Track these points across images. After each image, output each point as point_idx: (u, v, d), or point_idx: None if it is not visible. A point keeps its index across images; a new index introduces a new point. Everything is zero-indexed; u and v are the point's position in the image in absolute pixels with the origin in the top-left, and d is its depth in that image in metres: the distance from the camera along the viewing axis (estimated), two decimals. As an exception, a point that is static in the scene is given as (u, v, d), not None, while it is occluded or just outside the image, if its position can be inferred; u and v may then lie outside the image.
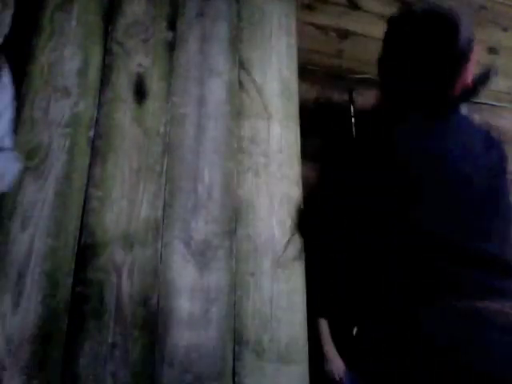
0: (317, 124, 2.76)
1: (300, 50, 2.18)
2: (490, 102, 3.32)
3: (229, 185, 1.82)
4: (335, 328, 2.09)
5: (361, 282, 1.48)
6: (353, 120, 2.94)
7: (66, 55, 1.79)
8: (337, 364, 2.00)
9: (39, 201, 1.60)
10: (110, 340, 1.53)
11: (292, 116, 2.02)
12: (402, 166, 1.37)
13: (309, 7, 2.99)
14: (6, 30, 1.03)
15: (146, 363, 1.54)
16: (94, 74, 1.81)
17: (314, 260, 1.90)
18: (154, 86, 1.86)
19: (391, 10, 3.27)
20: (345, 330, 2.08)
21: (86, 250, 1.60)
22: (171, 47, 1.94)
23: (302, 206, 1.88)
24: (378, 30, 3.21)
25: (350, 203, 1.48)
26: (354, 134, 2.90)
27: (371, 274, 1.41)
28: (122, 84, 1.83)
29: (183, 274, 1.66)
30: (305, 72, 2.49)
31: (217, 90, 1.95)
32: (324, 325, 1.99)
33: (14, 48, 1.76)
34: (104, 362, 1.50)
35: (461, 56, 1.42)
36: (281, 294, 1.73)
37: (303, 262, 1.81)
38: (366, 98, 2.98)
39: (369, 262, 1.42)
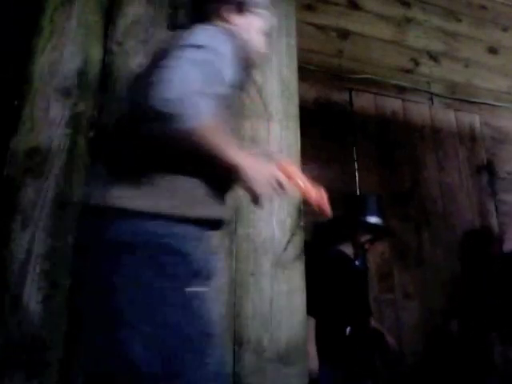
0: (317, 124, 2.77)
1: (300, 50, 2.18)
2: (489, 102, 3.32)
3: (229, 185, 1.82)
4: (326, 327, 2.10)
5: None
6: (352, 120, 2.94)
7: (66, 55, 1.79)
8: (313, 363, 2.01)
9: (39, 201, 1.60)
10: (109, 340, 1.53)
11: (292, 116, 2.01)
12: None
13: (309, 7, 2.99)
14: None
15: (145, 363, 1.54)
16: (94, 74, 1.81)
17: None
18: (154, 86, 1.86)
19: (391, 9, 3.28)
20: (335, 330, 2.10)
21: (86, 250, 1.59)
22: (171, 47, 1.94)
23: (301, 207, 1.88)
24: (378, 29, 3.22)
25: None
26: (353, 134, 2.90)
27: None
28: (122, 84, 1.83)
29: (183, 274, 1.66)
30: (305, 72, 2.49)
31: (217, 90, 1.94)
32: (311, 323, 2.00)
33: (14, 48, 1.76)
34: (104, 362, 1.50)
35: None
36: (281, 294, 1.73)
37: (303, 262, 1.81)
38: (366, 98, 2.98)
39: None
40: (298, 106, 2.04)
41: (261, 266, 1.75)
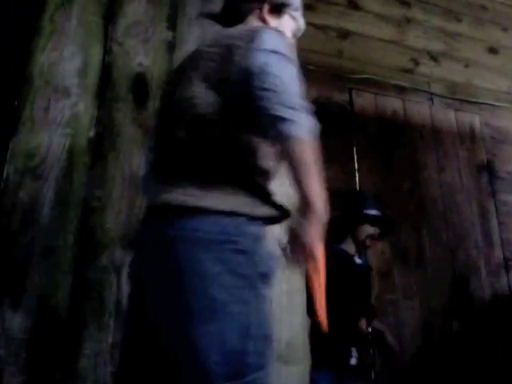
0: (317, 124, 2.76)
1: (300, 50, 2.17)
2: (490, 102, 3.32)
3: (229, 185, 1.82)
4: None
5: None
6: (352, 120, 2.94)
7: (66, 55, 1.79)
8: None
9: (39, 201, 1.60)
10: (109, 340, 1.53)
11: (292, 116, 2.01)
12: None
13: (309, 7, 2.99)
14: None
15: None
16: (93, 73, 1.81)
17: None
18: (154, 85, 1.86)
19: (391, 9, 3.28)
20: (334, 330, 2.08)
21: (86, 250, 1.60)
22: (171, 47, 1.94)
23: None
24: (378, 29, 3.23)
25: None
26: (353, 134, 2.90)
27: None
28: (122, 84, 1.83)
29: (183, 274, 1.66)
30: (305, 72, 2.49)
31: (217, 90, 1.94)
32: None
33: (14, 48, 1.76)
34: (104, 362, 1.50)
35: None
36: (281, 294, 1.73)
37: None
38: (366, 98, 2.98)
39: None
40: (298, 105, 2.04)
41: (261, 265, 1.75)
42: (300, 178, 0.92)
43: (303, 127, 0.92)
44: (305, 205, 0.92)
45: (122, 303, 1.57)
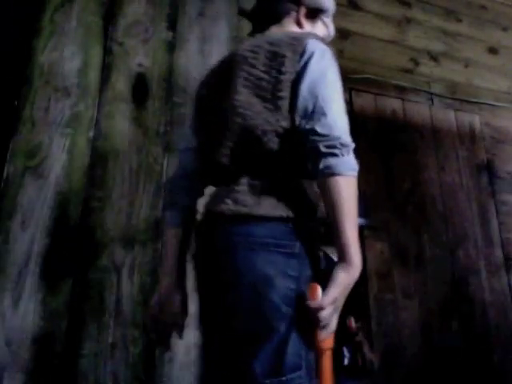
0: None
1: (300, 50, 2.17)
2: (490, 102, 3.32)
3: (229, 185, 1.82)
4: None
5: None
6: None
7: (66, 55, 1.79)
8: None
9: (39, 201, 1.60)
10: (110, 340, 1.53)
11: (292, 116, 2.01)
12: None
13: (309, 7, 2.99)
14: None
15: (145, 363, 1.54)
16: (93, 74, 1.81)
17: None
18: (154, 85, 1.86)
19: (391, 9, 3.28)
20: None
21: (86, 250, 1.60)
22: (171, 47, 1.94)
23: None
24: (378, 29, 3.23)
25: None
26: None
27: None
28: (122, 84, 1.83)
29: (183, 274, 1.66)
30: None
31: (217, 90, 1.94)
32: None
33: (14, 48, 1.76)
34: (104, 362, 1.50)
35: None
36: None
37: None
38: (366, 98, 2.98)
39: None
40: (297, 106, 2.04)
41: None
42: (339, 219, 0.92)
43: (349, 165, 0.94)
44: (342, 256, 0.92)
45: (122, 303, 1.57)
